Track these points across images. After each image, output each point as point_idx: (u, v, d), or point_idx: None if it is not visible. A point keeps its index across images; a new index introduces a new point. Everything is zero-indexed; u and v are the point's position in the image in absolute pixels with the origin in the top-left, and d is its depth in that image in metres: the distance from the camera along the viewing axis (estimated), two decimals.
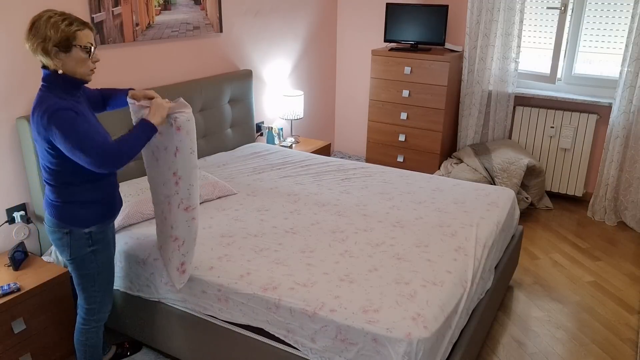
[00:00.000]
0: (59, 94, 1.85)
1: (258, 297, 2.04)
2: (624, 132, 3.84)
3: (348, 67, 5.07)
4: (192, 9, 3.36)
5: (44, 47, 1.79)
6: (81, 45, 1.84)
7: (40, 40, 1.78)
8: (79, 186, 1.94)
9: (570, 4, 4.02)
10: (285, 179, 3.16)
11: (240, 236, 2.43)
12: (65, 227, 1.97)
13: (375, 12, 4.75)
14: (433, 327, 1.85)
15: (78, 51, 1.84)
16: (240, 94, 3.75)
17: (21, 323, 2.27)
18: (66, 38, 1.80)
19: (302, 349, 1.99)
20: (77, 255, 2.01)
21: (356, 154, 5.26)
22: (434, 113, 4.28)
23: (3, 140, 2.49)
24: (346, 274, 2.12)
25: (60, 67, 1.84)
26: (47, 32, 1.77)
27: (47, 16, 1.80)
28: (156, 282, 2.31)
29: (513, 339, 2.72)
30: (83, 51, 1.85)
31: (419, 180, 3.16)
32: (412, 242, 2.38)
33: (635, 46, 3.65)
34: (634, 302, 3.05)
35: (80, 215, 1.97)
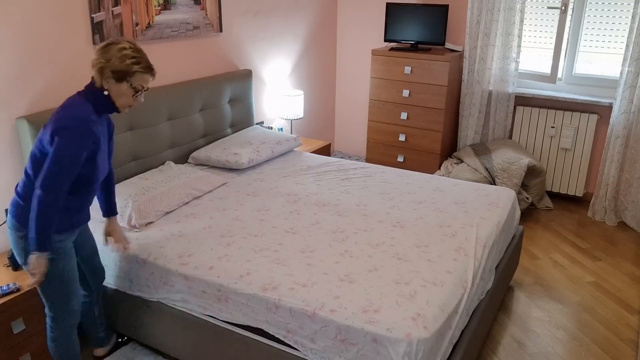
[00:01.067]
0: (92, 108, 1.95)
1: (258, 297, 2.04)
2: (625, 132, 3.84)
3: (348, 67, 5.07)
4: (192, 9, 3.36)
5: (103, 67, 1.92)
6: (133, 84, 1.97)
7: (104, 60, 1.92)
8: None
9: (571, 4, 4.02)
10: (285, 178, 3.16)
11: (240, 236, 2.43)
12: (22, 231, 1.97)
13: (375, 12, 4.75)
14: (433, 327, 1.85)
15: (127, 87, 1.97)
16: (240, 94, 3.74)
17: (20, 323, 2.27)
18: (125, 72, 1.94)
19: (302, 349, 1.99)
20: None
21: (356, 154, 5.26)
22: (434, 113, 4.28)
23: (3, 140, 2.49)
24: (346, 274, 2.12)
25: (106, 89, 1.96)
26: (113, 58, 1.92)
27: (122, 46, 1.94)
28: (156, 282, 2.30)
29: (513, 339, 2.71)
30: (131, 89, 1.98)
31: (419, 180, 3.16)
32: (412, 242, 2.38)
33: (635, 46, 3.64)
34: (634, 302, 3.04)
35: None
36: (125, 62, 1.92)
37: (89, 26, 2.74)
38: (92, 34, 2.76)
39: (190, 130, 3.36)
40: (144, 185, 2.74)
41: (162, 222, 2.58)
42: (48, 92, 2.62)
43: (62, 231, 2.02)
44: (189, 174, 2.95)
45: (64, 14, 2.62)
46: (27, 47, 2.50)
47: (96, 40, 2.77)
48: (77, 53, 2.72)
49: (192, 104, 3.33)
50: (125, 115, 2.90)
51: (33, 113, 2.54)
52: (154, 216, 2.58)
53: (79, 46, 2.73)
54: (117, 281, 2.44)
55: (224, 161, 3.23)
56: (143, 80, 2.00)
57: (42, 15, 2.53)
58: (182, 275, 2.22)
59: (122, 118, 2.88)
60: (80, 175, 1.94)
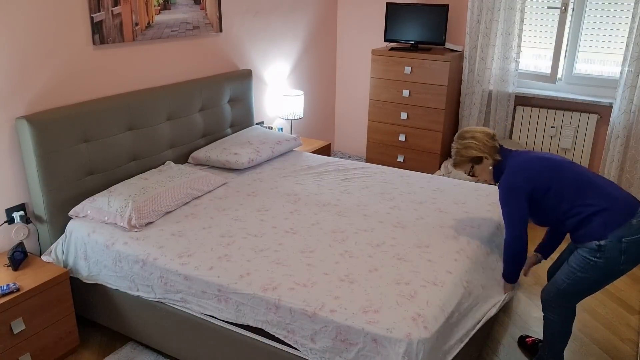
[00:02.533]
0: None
1: (258, 298, 2.04)
2: (625, 132, 3.84)
3: (348, 67, 5.07)
4: (192, 9, 3.35)
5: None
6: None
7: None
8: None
9: (571, 4, 4.02)
10: (286, 178, 3.16)
11: (240, 236, 2.43)
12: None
13: (375, 12, 4.74)
14: (433, 327, 1.85)
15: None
16: (240, 94, 3.74)
17: (21, 323, 2.27)
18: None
19: (302, 350, 1.99)
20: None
21: (356, 154, 5.26)
22: (434, 113, 4.28)
23: (3, 140, 2.49)
24: (346, 274, 2.12)
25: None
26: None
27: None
28: (156, 282, 2.30)
29: (513, 339, 2.71)
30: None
31: (419, 180, 3.16)
32: (413, 243, 2.38)
33: (635, 46, 3.64)
34: (634, 302, 3.04)
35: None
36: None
37: (89, 26, 2.74)
38: (92, 33, 2.76)
39: (190, 130, 3.36)
40: (143, 185, 2.74)
41: (162, 222, 2.58)
42: (48, 92, 2.62)
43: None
44: (189, 174, 2.95)
45: (63, 14, 2.62)
46: (27, 47, 2.50)
47: (96, 40, 2.77)
48: (77, 53, 2.72)
49: (192, 104, 3.33)
50: (125, 115, 2.90)
51: (33, 113, 2.54)
52: (153, 216, 2.58)
53: (79, 46, 2.73)
54: (117, 281, 2.44)
55: (223, 161, 3.23)
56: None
57: (42, 15, 2.52)
58: (182, 275, 2.22)
59: (122, 118, 2.88)
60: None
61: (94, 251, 2.49)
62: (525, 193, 2.07)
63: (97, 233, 2.50)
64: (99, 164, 2.79)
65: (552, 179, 2.05)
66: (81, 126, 2.67)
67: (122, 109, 2.88)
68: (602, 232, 1.96)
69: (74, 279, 2.58)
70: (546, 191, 2.06)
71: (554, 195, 2.06)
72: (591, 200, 2.00)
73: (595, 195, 2.00)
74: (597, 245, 1.97)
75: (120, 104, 2.86)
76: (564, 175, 2.05)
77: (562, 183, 2.04)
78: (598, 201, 1.99)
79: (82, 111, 2.68)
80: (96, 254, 2.48)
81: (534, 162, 2.09)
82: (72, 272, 2.57)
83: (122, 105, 2.87)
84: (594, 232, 1.98)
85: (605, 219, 1.96)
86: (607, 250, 1.95)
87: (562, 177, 2.05)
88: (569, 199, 2.04)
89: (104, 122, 2.78)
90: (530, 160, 2.10)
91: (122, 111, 2.88)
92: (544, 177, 2.06)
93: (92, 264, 2.50)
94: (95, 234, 2.51)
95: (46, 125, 2.50)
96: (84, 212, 2.60)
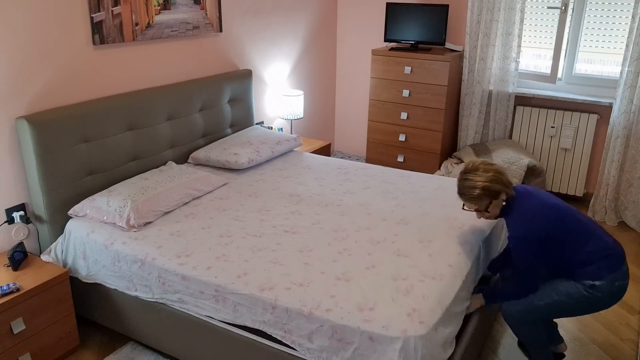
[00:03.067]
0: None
1: (255, 298, 2.04)
2: (625, 132, 3.83)
3: (348, 67, 5.07)
4: (192, 9, 3.36)
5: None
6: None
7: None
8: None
9: (571, 4, 4.01)
10: (287, 179, 3.16)
11: (239, 236, 2.43)
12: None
13: (375, 12, 4.75)
14: (430, 321, 1.85)
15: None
16: (240, 94, 3.75)
17: (20, 323, 2.28)
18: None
19: (300, 349, 1.99)
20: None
21: (356, 154, 5.26)
22: (434, 113, 4.28)
23: (3, 140, 2.50)
24: (343, 272, 2.12)
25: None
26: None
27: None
28: (154, 282, 2.31)
29: (513, 339, 2.71)
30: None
31: (420, 180, 3.16)
32: (415, 238, 2.38)
33: (635, 46, 3.64)
34: (635, 303, 3.04)
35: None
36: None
37: (89, 26, 2.75)
38: (92, 33, 2.76)
39: (190, 130, 3.37)
40: (143, 185, 2.74)
41: (161, 222, 2.58)
42: (48, 92, 2.63)
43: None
44: (190, 174, 2.95)
45: (63, 13, 2.62)
46: (27, 47, 2.51)
47: (96, 40, 2.78)
48: (77, 53, 2.73)
49: (192, 104, 3.34)
50: (125, 115, 2.91)
51: (33, 113, 2.54)
52: (152, 216, 2.59)
53: (79, 46, 2.74)
54: (116, 281, 2.45)
55: (223, 161, 3.24)
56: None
57: (42, 15, 2.53)
58: (180, 275, 2.22)
59: (122, 118, 2.89)
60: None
61: (92, 251, 2.50)
62: (540, 242, 2.12)
63: (96, 233, 2.51)
64: (99, 164, 2.80)
65: (560, 227, 2.13)
66: (81, 126, 2.68)
67: (122, 109, 2.89)
68: (599, 273, 2.10)
69: (74, 279, 2.58)
70: (554, 239, 2.13)
71: (560, 243, 2.14)
72: (592, 248, 2.12)
73: (595, 243, 2.12)
74: (591, 284, 2.10)
75: (120, 104, 2.87)
76: (570, 225, 2.14)
77: (569, 231, 2.13)
78: (598, 249, 2.11)
79: (82, 111, 2.68)
80: (95, 253, 2.49)
81: (544, 210, 2.14)
82: (71, 272, 2.58)
83: (122, 105, 2.88)
84: (593, 273, 2.11)
85: (605, 264, 2.10)
86: (600, 289, 2.10)
87: (569, 226, 2.14)
88: (572, 246, 2.13)
89: (104, 122, 2.79)
90: (541, 208, 2.15)
91: (122, 111, 2.89)
92: (555, 225, 2.13)
93: (91, 263, 2.51)
94: (94, 233, 2.51)
95: (46, 125, 2.51)
96: (84, 211, 2.61)
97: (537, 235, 2.10)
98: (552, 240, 2.12)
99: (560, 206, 2.16)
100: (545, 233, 2.10)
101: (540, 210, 2.13)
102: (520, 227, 2.13)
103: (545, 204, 2.15)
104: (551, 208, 2.14)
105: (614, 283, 2.08)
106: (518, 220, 2.15)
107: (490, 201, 2.17)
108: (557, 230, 2.11)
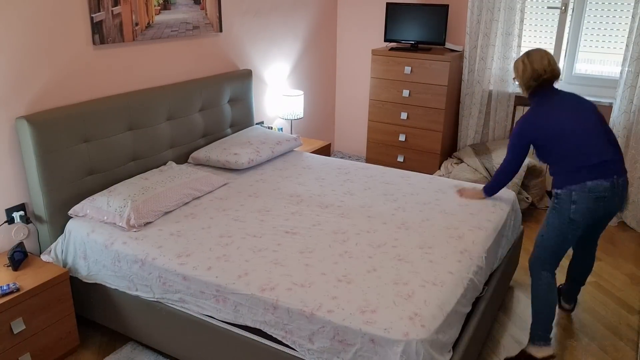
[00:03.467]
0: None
1: (256, 298, 2.04)
2: (625, 132, 3.83)
3: (348, 67, 5.07)
4: (192, 9, 3.36)
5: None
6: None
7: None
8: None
9: (571, 4, 4.02)
10: (287, 179, 3.15)
11: (239, 236, 2.43)
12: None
13: (375, 12, 4.75)
14: (432, 326, 1.85)
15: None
16: (240, 94, 3.75)
17: (21, 323, 2.27)
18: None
19: (300, 350, 1.99)
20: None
21: (356, 154, 5.26)
22: (434, 113, 4.28)
23: (3, 140, 2.49)
24: (344, 274, 2.12)
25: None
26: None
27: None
28: (154, 282, 2.31)
29: (513, 339, 2.71)
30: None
31: (420, 181, 3.15)
32: (415, 244, 2.37)
33: (635, 46, 3.64)
34: (635, 302, 3.04)
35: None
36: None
37: (89, 26, 2.75)
38: (92, 33, 2.76)
39: (190, 130, 3.37)
40: (143, 185, 2.74)
41: (161, 222, 2.58)
42: (48, 92, 2.63)
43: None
44: (190, 174, 2.95)
45: (63, 13, 2.62)
46: (27, 47, 2.50)
47: (96, 40, 2.78)
48: (77, 53, 2.73)
49: (192, 104, 3.34)
50: (125, 115, 2.90)
51: (33, 113, 2.54)
52: (152, 216, 2.58)
53: (79, 46, 2.73)
54: (116, 281, 2.45)
55: (223, 161, 3.24)
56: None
57: (41, 15, 2.53)
58: (181, 275, 2.22)
59: (122, 118, 2.89)
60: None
61: (93, 251, 2.49)
62: (529, 141, 2.48)
63: (97, 233, 2.51)
64: (99, 164, 2.80)
65: (555, 141, 2.40)
66: (81, 126, 2.68)
67: (122, 109, 2.88)
68: (561, 184, 2.41)
69: (74, 279, 2.58)
70: (543, 146, 2.45)
71: (547, 151, 2.45)
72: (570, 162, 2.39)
73: (577, 158, 2.38)
74: (555, 192, 2.45)
75: (120, 104, 2.87)
76: (564, 142, 2.39)
77: (559, 147, 2.40)
78: (576, 163, 2.38)
79: (82, 111, 2.68)
80: (95, 253, 2.49)
81: (545, 122, 2.41)
82: (72, 272, 2.58)
83: (122, 105, 2.88)
84: (557, 182, 2.44)
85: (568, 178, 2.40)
86: (561, 198, 2.41)
87: (562, 143, 2.39)
88: (555, 158, 2.43)
89: (104, 122, 2.79)
90: (545, 118, 2.42)
91: (122, 111, 2.88)
92: (549, 136, 2.40)
93: (91, 263, 2.51)
94: (94, 233, 2.51)
95: (46, 125, 2.51)
96: (84, 211, 2.61)
97: (528, 136, 2.46)
98: (542, 145, 2.44)
99: (564, 124, 2.38)
100: (537, 137, 2.43)
101: (542, 119, 2.42)
102: (522, 121, 2.48)
103: (551, 116, 2.41)
104: (554, 123, 2.39)
105: (571, 192, 2.36)
106: (522, 118, 2.48)
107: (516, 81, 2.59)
108: (550, 142, 2.40)
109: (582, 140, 2.37)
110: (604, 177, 2.34)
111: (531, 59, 2.52)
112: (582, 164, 2.36)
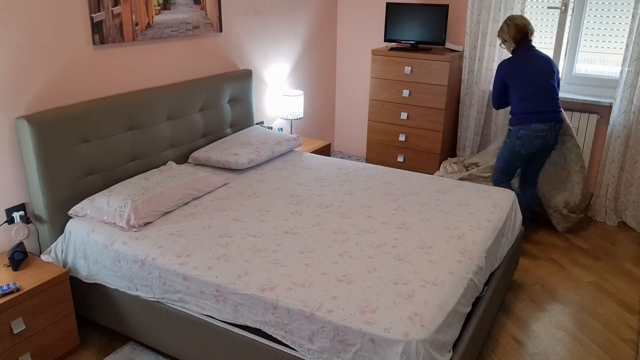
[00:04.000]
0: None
1: (256, 298, 2.04)
2: (625, 132, 3.83)
3: (348, 67, 5.07)
4: (192, 9, 3.36)
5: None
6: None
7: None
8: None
9: (571, 4, 4.02)
10: (287, 179, 3.15)
11: (239, 236, 2.43)
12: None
13: (375, 12, 4.75)
14: (432, 326, 1.85)
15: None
16: (240, 94, 3.75)
17: (21, 323, 2.27)
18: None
19: (300, 350, 1.99)
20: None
21: (356, 153, 5.26)
22: (434, 113, 4.28)
23: (3, 140, 2.49)
24: (344, 274, 2.12)
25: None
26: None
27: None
28: (154, 282, 2.31)
29: (513, 339, 2.71)
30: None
31: (420, 181, 3.15)
32: (415, 244, 2.37)
33: (635, 46, 3.64)
34: (635, 303, 3.04)
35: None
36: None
37: (89, 26, 2.75)
38: (92, 33, 2.76)
39: (190, 130, 3.37)
40: (143, 185, 2.74)
41: (161, 222, 2.58)
42: (48, 92, 2.63)
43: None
44: (190, 174, 2.95)
45: (63, 13, 2.62)
46: (27, 47, 2.50)
47: (96, 40, 2.78)
48: (77, 53, 2.73)
49: (192, 104, 3.34)
50: (125, 115, 2.90)
51: (33, 113, 2.54)
52: (152, 216, 2.58)
53: (79, 46, 2.73)
54: (116, 281, 2.45)
55: (223, 161, 3.24)
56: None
57: (41, 15, 2.53)
58: (181, 275, 2.22)
59: (122, 118, 2.89)
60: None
61: (93, 251, 2.49)
62: (504, 79, 3.38)
63: (97, 233, 2.51)
64: (99, 164, 2.80)
65: (519, 83, 3.30)
66: (81, 126, 2.68)
67: (122, 109, 2.89)
68: (514, 123, 3.35)
69: (74, 279, 2.58)
70: (511, 87, 3.35)
71: (513, 92, 3.35)
72: (524, 106, 3.30)
73: (529, 104, 3.28)
74: (509, 128, 3.41)
75: (120, 104, 2.87)
76: (524, 87, 3.29)
77: (520, 91, 3.30)
78: (528, 108, 3.29)
79: (82, 111, 2.68)
80: (95, 253, 2.49)
81: (520, 67, 3.31)
82: (72, 272, 2.58)
83: (122, 105, 2.88)
84: (512, 121, 3.38)
85: (520, 119, 3.33)
86: (512, 133, 3.37)
87: (523, 87, 3.29)
88: (517, 99, 3.33)
89: (104, 122, 2.79)
90: (516, 68, 3.32)
91: (122, 111, 2.88)
92: (516, 77, 3.31)
93: (91, 263, 2.51)
94: (94, 233, 2.51)
95: (46, 125, 2.51)
96: (84, 211, 2.61)
97: (503, 76, 3.37)
98: (509, 89, 3.36)
99: (528, 72, 3.28)
100: (507, 79, 3.35)
101: (516, 64, 3.32)
102: (499, 66, 3.40)
103: (522, 64, 3.31)
104: (522, 69, 3.29)
105: (519, 130, 3.31)
106: (502, 61, 3.39)
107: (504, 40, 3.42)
108: (517, 85, 3.30)
109: (537, 90, 3.26)
110: (545, 122, 3.26)
111: (512, 19, 3.35)
112: (532, 110, 3.26)
